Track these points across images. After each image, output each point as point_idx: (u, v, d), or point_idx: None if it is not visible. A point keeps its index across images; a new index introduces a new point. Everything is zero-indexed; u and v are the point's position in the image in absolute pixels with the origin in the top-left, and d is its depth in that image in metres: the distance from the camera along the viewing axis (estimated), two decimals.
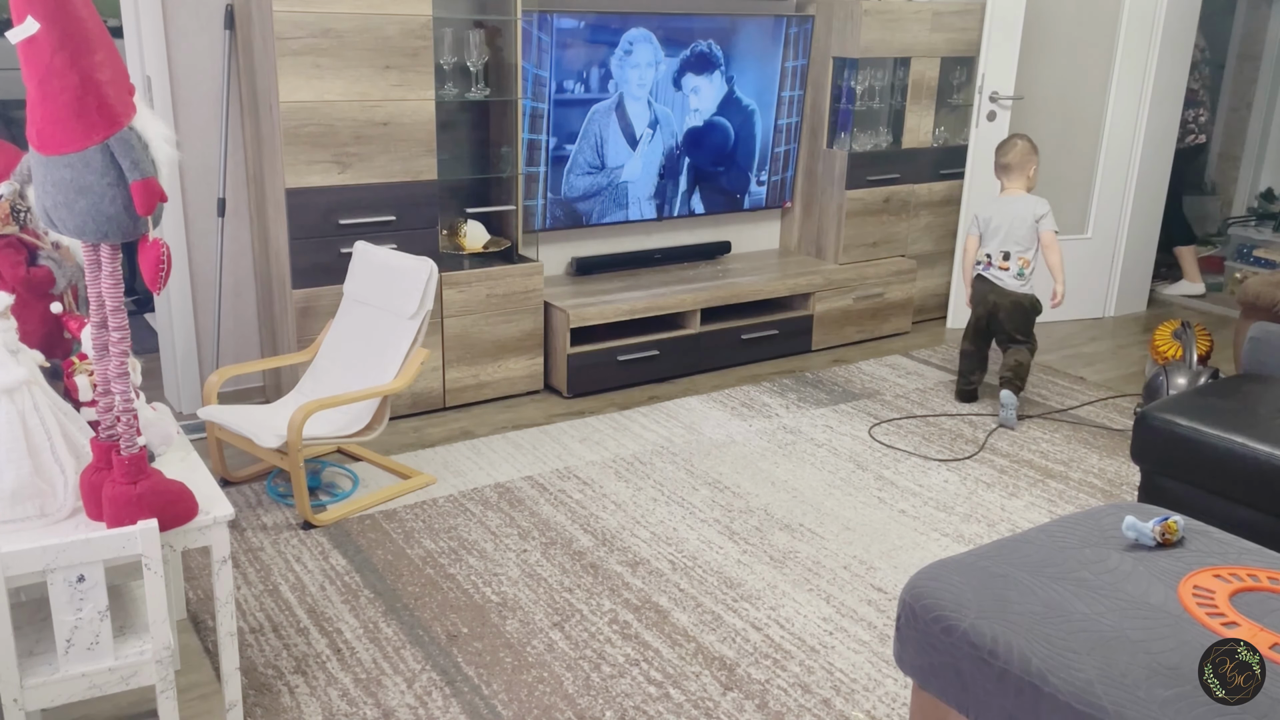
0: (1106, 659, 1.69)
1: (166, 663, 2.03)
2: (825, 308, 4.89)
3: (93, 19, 1.84)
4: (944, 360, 4.83)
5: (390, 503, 3.34)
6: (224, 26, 3.80)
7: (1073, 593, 1.87)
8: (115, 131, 1.85)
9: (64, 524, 2.07)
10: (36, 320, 2.47)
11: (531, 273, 4.12)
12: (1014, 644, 1.75)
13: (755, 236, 5.26)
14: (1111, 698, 1.61)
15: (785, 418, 4.10)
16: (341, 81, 3.59)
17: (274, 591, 2.84)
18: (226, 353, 4.09)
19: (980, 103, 5.01)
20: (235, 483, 3.46)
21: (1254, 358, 3.22)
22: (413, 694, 2.44)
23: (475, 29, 4.03)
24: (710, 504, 3.38)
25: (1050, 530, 2.12)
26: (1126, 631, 1.75)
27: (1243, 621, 1.77)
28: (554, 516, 3.27)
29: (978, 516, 3.35)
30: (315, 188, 3.64)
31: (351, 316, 3.53)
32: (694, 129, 4.66)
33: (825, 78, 4.91)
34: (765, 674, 2.53)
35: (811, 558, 3.07)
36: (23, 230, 2.48)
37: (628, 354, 4.35)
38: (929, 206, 5.24)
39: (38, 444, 2.04)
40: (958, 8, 5.00)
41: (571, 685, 2.48)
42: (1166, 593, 1.87)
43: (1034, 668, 1.70)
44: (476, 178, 4.32)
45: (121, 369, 1.99)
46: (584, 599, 2.83)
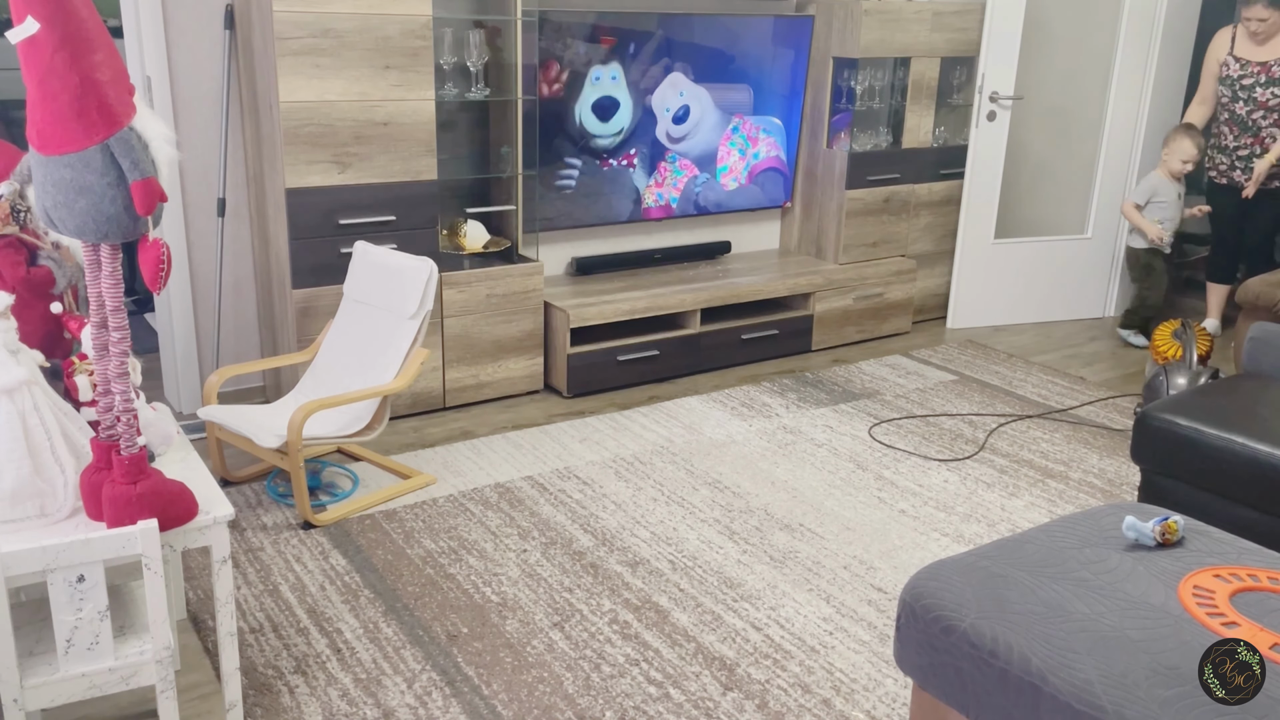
0: (1106, 659, 1.69)
1: (166, 663, 2.03)
2: (825, 308, 4.89)
3: (93, 19, 1.84)
4: (944, 360, 4.83)
5: (390, 503, 3.34)
6: (224, 26, 3.80)
7: (1073, 593, 1.87)
8: (115, 131, 1.85)
9: (64, 524, 2.07)
10: (36, 320, 2.47)
11: (531, 273, 4.12)
12: (1014, 644, 1.75)
13: (755, 236, 5.26)
14: (1111, 698, 1.61)
15: (785, 418, 4.10)
16: (341, 81, 3.59)
17: (274, 591, 2.84)
18: (226, 353, 4.09)
19: (980, 103, 5.01)
20: (235, 483, 3.46)
21: (1254, 358, 3.22)
22: (413, 694, 2.44)
23: (475, 29, 4.03)
24: (710, 504, 3.38)
25: (1050, 530, 2.12)
26: (1126, 631, 1.75)
27: (1243, 621, 1.77)
28: (554, 516, 3.27)
29: (978, 516, 3.35)
30: (315, 188, 3.64)
31: (351, 316, 3.53)
32: (693, 128, 4.66)
33: (825, 78, 4.91)
34: (765, 674, 2.53)
35: (811, 558, 3.07)
36: (23, 230, 2.48)
37: (628, 354, 4.35)
38: (929, 206, 5.24)
39: (38, 444, 2.04)
40: (958, 8, 4.99)
41: (571, 685, 2.48)
42: (1166, 593, 1.87)
43: (1034, 668, 1.70)
44: (476, 178, 4.33)
45: (121, 369, 1.99)
46: (584, 599, 2.83)
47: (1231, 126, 4.96)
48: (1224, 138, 5.02)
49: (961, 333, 5.28)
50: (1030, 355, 4.95)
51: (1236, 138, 4.96)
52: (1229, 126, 4.97)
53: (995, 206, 5.18)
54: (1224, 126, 4.99)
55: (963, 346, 5.04)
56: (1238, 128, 4.94)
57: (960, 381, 4.56)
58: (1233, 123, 4.95)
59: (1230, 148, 5.00)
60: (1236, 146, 4.97)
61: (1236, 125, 4.94)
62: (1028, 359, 4.89)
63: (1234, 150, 4.99)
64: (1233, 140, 4.98)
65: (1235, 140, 4.97)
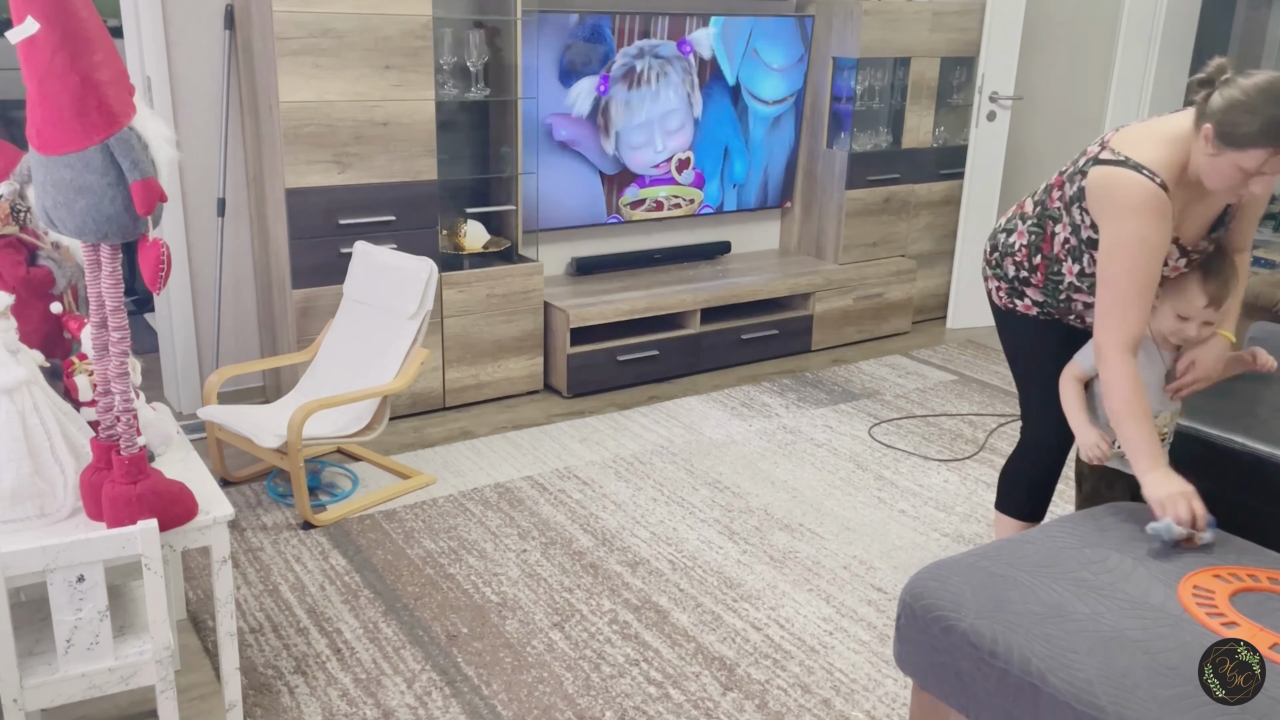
0: (1106, 659, 1.69)
1: (166, 663, 2.03)
2: (825, 308, 4.89)
3: (93, 19, 1.84)
4: (944, 360, 4.83)
5: (390, 503, 3.33)
6: (224, 26, 3.79)
7: (1073, 593, 1.87)
8: (115, 131, 1.85)
9: (64, 524, 2.07)
10: (36, 320, 2.47)
11: (531, 273, 4.12)
12: (1014, 644, 1.75)
13: (755, 236, 5.26)
14: (1111, 698, 1.61)
15: (785, 418, 4.09)
16: (341, 81, 3.59)
17: (274, 591, 2.84)
18: (226, 353, 4.09)
19: (980, 103, 5.01)
20: (235, 483, 3.46)
21: None
22: (413, 694, 2.43)
23: (475, 29, 4.03)
24: (710, 504, 3.38)
25: (1050, 530, 2.12)
26: (1126, 631, 1.75)
27: (1243, 621, 1.77)
28: (554, 516, 3.27)
29: (978, 516, 3.34)
30: (315, 188, 3.64)
31: (351, 316, 3.53)
32: (693, 127, 4.66)
33: (825, 78, 4.91)
34: (765, 674, 2.53)
35: (811, 558, 3.07)
36: (23, 230, 2.48)
37: (628, 354, 4.34)
38: (929, 206, 5.24)
39: (38, 444, 2.04)
40: (958, 8, 4.99)
41: (571, 685, 2.48)
42: (1166, 593, 1.87)
43: (1034, 668, 1.70)
44: (476, 178, 4.32)
45: (121, 369, 1.99)
46: (584, 599, 2.83)
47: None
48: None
49: (961, 333, 5.28)
50: None
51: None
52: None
53: (995, 206, 5.18)
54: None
55: (963, 346, 5.04)
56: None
57: (960, 381, 4.56)
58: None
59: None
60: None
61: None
62: None
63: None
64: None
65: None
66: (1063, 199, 2.31)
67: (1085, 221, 2.25)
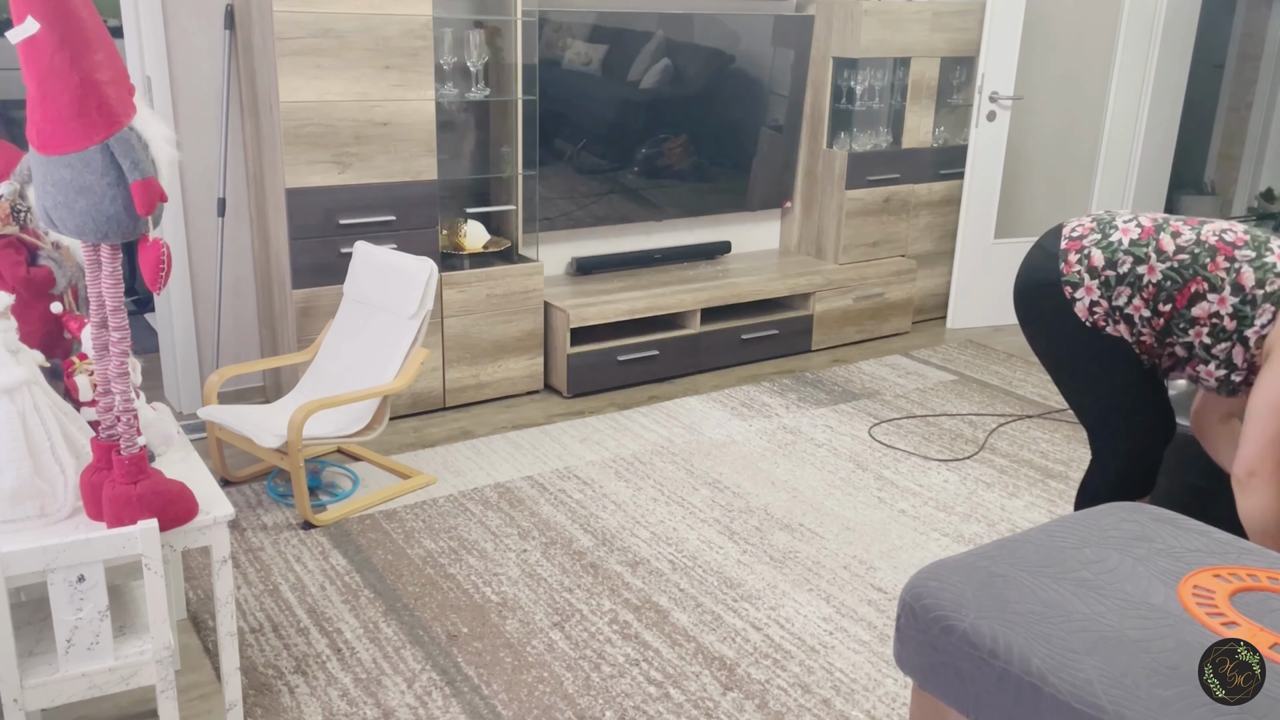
0: (1106, 659, 1.69)
1: (166, 663, 2.03)
2: (825, 308, 4.89)
3: (93, 19, 1.84)
4: (944, 360, 4.83)
5: (390, 503, 3.34)
6: (224, 26, 3.80)
7: (1073, 593, 1.87)
8: (115, 131, 1.85)
9: (64, 524, 2.07)
10: (36, 320, 2.47)
11: (531, 273, 4.12)
12: (1014, 644, 1.75)
13: (755, 236, 5.26)
14: (1111, 698, 1.61)
15: (785, 418, 4.10)
16: (341, 81, 3.59)
17: (274, 591, 2.84)
18: (226, 353, 4.09)
19: (980, 103, 5.01)
20: (235, 483, 3.46)
21: None
22: (413, 694, 2.43)
23: (475, 29, 4.03)
24: (710, 504, 3.38)
25: (1050, 530, 2.12)
26: (1126, 631, 1.75)
27: (1243, 621, 1.77)
28: (554, 516, 3.27)
29: (978, 516, 3.35)
30: (315, 188, 3.64)
31: (351, 316, 3.53)
32: (693, 127, 4.66)
33: (825, 78, 4.91)
34: (765, 674, 2.53)
35: (811, 558, 3.07)
36: (23, 230, 2.48)
37: (628, 354, 4.34)
38: (929, 206, 5.24)
39: (38, 444, 2.04)
40: (958, 8, 4.99)
41: (571, 685, 2.48)
42: (1166, 593, 1.87)
43: (1034, 668, 1.70)
44: (476, 178, 4.32)
45: (121, 369, 1.99)
46: (584, 599, 2.83)
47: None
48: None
49: (961, 333, 5.28)
50: (1030, 355, 4.95)
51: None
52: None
53: (995, 206, 5.18)
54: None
55: (963, 346, 5.04)
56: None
57: (960, 381, 4.56)
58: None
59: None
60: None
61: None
62: (1028, 359, 4.88)
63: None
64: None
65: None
66: (1247, 295, 2.24)
67: (1258, 327, 2.23)
